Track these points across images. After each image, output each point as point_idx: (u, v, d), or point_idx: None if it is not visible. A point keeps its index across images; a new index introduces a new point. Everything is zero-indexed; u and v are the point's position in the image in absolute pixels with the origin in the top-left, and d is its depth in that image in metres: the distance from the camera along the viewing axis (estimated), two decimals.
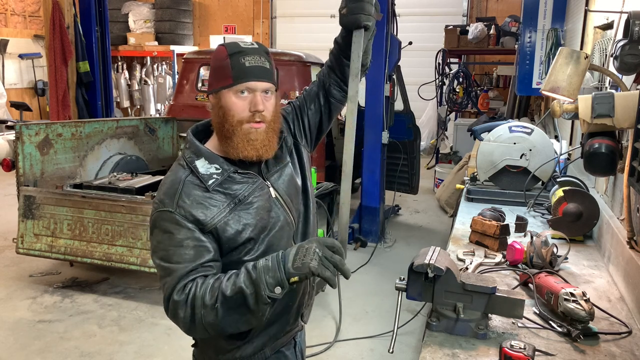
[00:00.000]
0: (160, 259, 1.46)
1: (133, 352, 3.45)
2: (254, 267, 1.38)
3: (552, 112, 2.48)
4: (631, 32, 1.88)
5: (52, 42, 6.05)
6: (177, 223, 1.45)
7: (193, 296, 1.38)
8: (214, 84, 1.52)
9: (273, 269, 1.35)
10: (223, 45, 1.53)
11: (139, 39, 11.43)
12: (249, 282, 1.36)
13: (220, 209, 1.48)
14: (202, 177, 1.49)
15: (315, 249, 1.34)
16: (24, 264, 4.70)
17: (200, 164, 1.51)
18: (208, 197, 1.48)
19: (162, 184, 1.55)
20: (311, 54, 6.11)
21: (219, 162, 1.52)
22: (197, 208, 1.46)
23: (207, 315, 1.38)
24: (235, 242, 1.49)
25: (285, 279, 1.34)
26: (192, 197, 1.47)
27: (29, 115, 9.86)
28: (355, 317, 3.95)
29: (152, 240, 1.51)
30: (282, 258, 1.37)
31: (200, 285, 1.39)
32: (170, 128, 5.81)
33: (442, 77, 8.03)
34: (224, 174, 1.51)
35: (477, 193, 3.33)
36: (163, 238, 1.46)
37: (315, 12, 11.82)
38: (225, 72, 1.49)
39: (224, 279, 1.40)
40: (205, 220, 1.46)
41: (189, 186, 1.48)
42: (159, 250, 1.47)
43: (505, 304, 1.61)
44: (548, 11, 4.78)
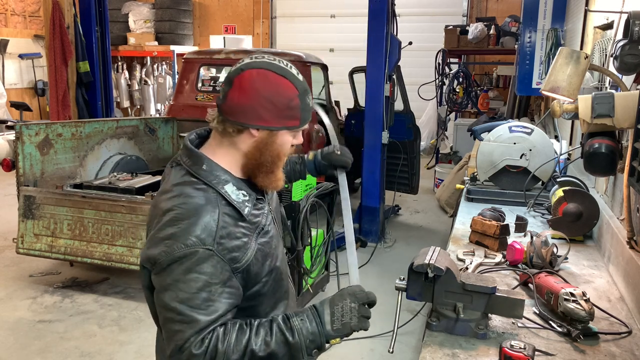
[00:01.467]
0: (179, 302, 1.25)
1: (133, 352, 3.45)
2: (288, 328, 1.29)
3: (552, 112, 2.48)
4: (631, 32, 1.88)
5: (52, 42, 6.05)
6: (211, 263, 1.26)
7: (214, 350, 1.24)
8: (272, 121, 1.34)
9: (313, 333, 1.29)
10: (287, 78, 1.35)
11: (139, 39, 11.43)
12: (285, 344, 1.27)
13: (251, 242, 1.35)
14: (238, 206, 1.34)
15: (351, 307, 1.31)
16: (24, 264, 4.70)
17: (230, 189, 1.35)
18: (240, 229, 1.34)
19: (179, 212, 1.29)
20: (311, 54, 6.11)
21: (244, 187, 1.38)
22: (234, 244, 1.31)
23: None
24: (260, 276, 1.39)
25: (325, 343, 1.31)
26: (229, 230, 1.31)
27: (29, 115, 9.86)
28: None
29: (163, 276, 1.27)
30: (319, 318, 1.30)
31: (222, 339, 1.25)
32: (170, 128, 5.81)
33: (442, 77, 8.03)
34: (251, 201, 1.39)
35: (477, 193, 3.33)
36: (188, 278, 1.25)
37: (315, 12, 11.82)
38: (294, 113, 1.36)
39: (251, 333, 1.27)
40: (240, 258, 1.32)
41: (224, 215, 1.31)
42: (177, 290, 1.25)
43: (505, 304, 1.61)
44: (548, 11, 4.78)
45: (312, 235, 3.89)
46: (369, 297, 1.34)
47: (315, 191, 3.95)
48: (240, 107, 1.33)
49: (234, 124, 1.35)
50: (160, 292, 1.29)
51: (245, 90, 1.32)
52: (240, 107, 1.33)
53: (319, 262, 4.11)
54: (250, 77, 1.32)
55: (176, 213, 1.29)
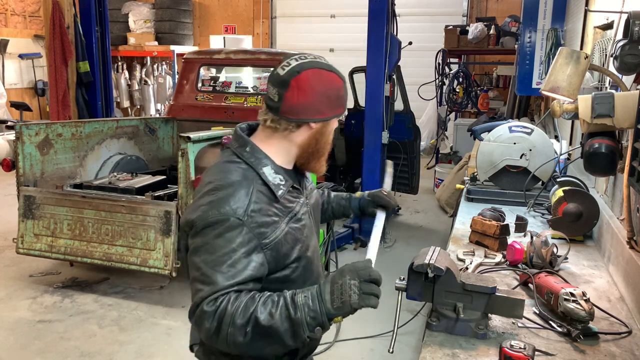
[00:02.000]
0: (204, 262, 1.37)
1: (133, 352, 3.45)
2: (293, 304, 1.34)
3: (552, 112, 2.48)
4: (631, 32, 1.88)
5: (52, 42, 6.05)
6: (240, 232, 1.37)
7: (223, 310, 1.32)
8: (327, 112, 1.50)
9: (314, 310, 1.33)
10: (334, 72, 1.51)
11: (139, 39, 11.43)
12: (287, 319, 1.32)
13: (281, 223, 1.46)
14: (272, 186, 1.46)
15: (350, 283, 1.34)
16: (24, 264, 4.70)
17: (268, 171, 1.48)
18: (273, 208, 1.45)
19: (219, 184, 1.44)
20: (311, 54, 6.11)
21: (282, 173, 1.51)
22: (264, 219, 1.41)
23: (235, 334, 1.32)
24: (287, 259, 1.47)
25: (326, 321, 1.35)
26: (261, 206, 1.42)
27: (29, 115, 9.86)
28: (355, 317, 3.94)
29: (197, 238, 1.40)
30: (320, 296, 1.35)
31: (233, 301, 1.33)
32: (170, 128, 5.81)
33: (442, 77, 8.03)
34: (287, 186, 1.50)
35: (477, 193, 3.33)
36: (218, 242, 1.37)
37: (315, 12, 11.82)
38: (341, 101, 1.53)
39: (259, 303, 1.34)
40: (268, 234, 1.42)
41: (258, 194, 1.43)
42: (205, 252, 1.37)
43: (505, 304, 1.61)
44: (548, 11, 4.78)
45: None
46: (372, 274, 1.36)
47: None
48: (301, 106, 1.46)
49: (294, 121, 1.48)
50: (192, 253, 1.41)
51: (304, 90, 1.45)
52: (301, 105, 1.46)
53: None
54: (307, 78, 1.45)
55: (215, 184, 1.44)
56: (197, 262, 1.39)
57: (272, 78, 1.49)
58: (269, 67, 5.81)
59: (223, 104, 5.76)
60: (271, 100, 1.48)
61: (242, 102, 5.69)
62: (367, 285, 1.35)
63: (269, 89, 1.49)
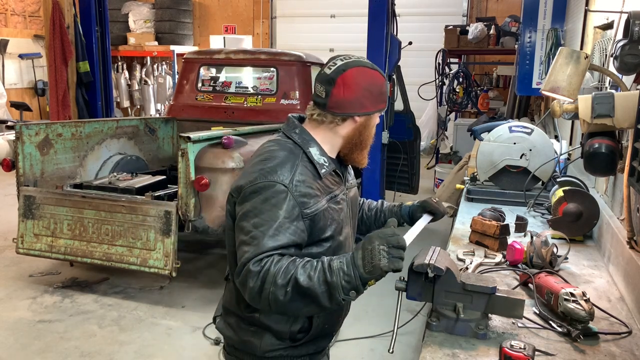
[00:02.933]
0: (253, 226, 1.48)
1: (133, 352, 3.45)
2: (329, 268, 1.43)
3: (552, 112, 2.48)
4: (631, 32, 1.88)
5: (52, 42, 6.05)
6: (285, 199, 1.49)
7: (267, 271, 1.42)
8: (371, 107, 1.63)
9: (349, 275, 1.42)
10: (376, 70, 1.63)
11: (139, 39, 11.43)
12: (324, 283, 1.41)
13: (321, 198, 1.58)
14: (316, 164, 1.60)
15: (379, 249, 1.41)
16: (24, 264, 4.70)
17: (314, 151, 1.62)
18: (315, 184, 1.58)
19: (268, 155, 1.58)
20: (311, 54, 6.11)
21: (326, 156, 1.65)
22: (307, 190, 1.54)
23: (276, 293, 1.41)
24: (322, 233, 1.58)
25: (360, 285, 1.43)
26: (305, 178, 1.55)
27: (29, 115, 9.86)
28: (355, 317, 3.95)
29: (246, 203, 1.52)
30: (353, 262, 1.43)
31: (276, 263, 1.43)
32: (170, 128, 5.81)
33: (442, 77, 8.02)
34: (330, 167, 1.64)
35: (477, 193, 3.33)
36: (264, 207, 1.48)
37: (315, 12, 11.82)
38: (382, 97, 1.66)
39: (299, 265, 1.43)
40: (309, 205, 1.53)
41: (304, 167, 1.58)
42: (254, 216, 1.49)
43: (505, 304, 1.61)
44: (548, 11, 4.78)
45: None
46: (399, 241, 1.43)
47: None
48: (347, 101, 1.59)
49: (339, 115, 1.62)
50: (240, 217, 1.53)
51: (350, 87, 1.58)
52: (347, 101, 1.59)
53: None
54: (352, 75, 1.58)
55: (266, 156, 1.59)
56: (245, 226, 1.50)
57: (319, 77, 1.63)
58: (269, 67, 5.81)
59: (223, 104, 5.76)
60: (318, 97, 1.62)
61: (242, 102, 5.69)
62: (395, 250, 1.42)
63: (316, 87, 1.63)
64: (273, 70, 5.71)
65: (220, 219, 3.89)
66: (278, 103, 5.56)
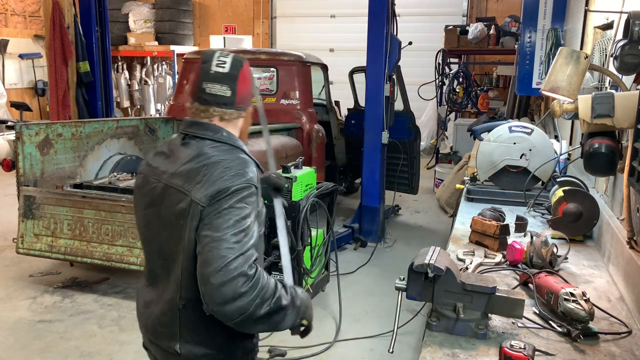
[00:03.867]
0: (232, 225, 1.47)
1: (133, 352, 3.45)
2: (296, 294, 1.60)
3: (552, 112, 2.48)
4: (631, 32, 1.88)
5: (52, 42, 6.05)
6: (255, 200, 1.56)
7: (258, 280, 1.45)
8: (250, 98, 1.70)
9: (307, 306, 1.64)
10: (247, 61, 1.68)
11: (139, 39, 11.43)
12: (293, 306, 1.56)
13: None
14: (255, 159, 1.67)
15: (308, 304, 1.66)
16: (24, 264, 4.70)
17: (245, 149, 1.68)
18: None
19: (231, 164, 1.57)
20: (311, 54, 6.11)
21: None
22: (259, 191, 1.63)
23: (261, 305, 1.44)
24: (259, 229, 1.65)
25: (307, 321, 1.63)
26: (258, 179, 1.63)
27: (29, 115, 9.86)
28: (355, 317, 3.95)
29: (224, 204, 1.49)
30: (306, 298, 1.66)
31: (264, 275, 1.49)
32: (170, 128, 5.82)
33: (442, 77, 8.03)
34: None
35: (477, 193, 3.33)
36: (240, 206, 1.50)
37: (315, 12, 11.82)
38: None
39: (278, 285, 1.53)
40: (259, 204, 1.62)
41: (257, 169, 1.66)
42: (232, 215, 1.48)
43: (505, 304, 1.61)
44: (548, 11, 4.78)
45: (312, 235, 3.89)
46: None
47: (316, 191, 3.95)
48: (247, 94, 1.66)
49: (243, 109, 1.67)
50: (214, 218, 1.48)
51: (247, 80, 1.65)
52: (247, 94, 1.66)
53: (319, 262, 4.11)
54: (247, 68, 1.64)
55: (228, 163, 1.57)
56: (220, 226, 1.47)
57: (213, 77, 1.59)
58: (269, 67, 5.81)
59: None
60: (222, 97, 1.60)
61: None
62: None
63: (215, 87, 1.59)
64: (273, 70, 5.71)
65: None
66: (278, 103, 5.56)
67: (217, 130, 1.63)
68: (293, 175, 3.73)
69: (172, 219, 1.57)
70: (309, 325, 1.64)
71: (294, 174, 3.77)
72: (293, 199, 3.68)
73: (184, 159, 1.61)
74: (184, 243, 1.54)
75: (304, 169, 3.97)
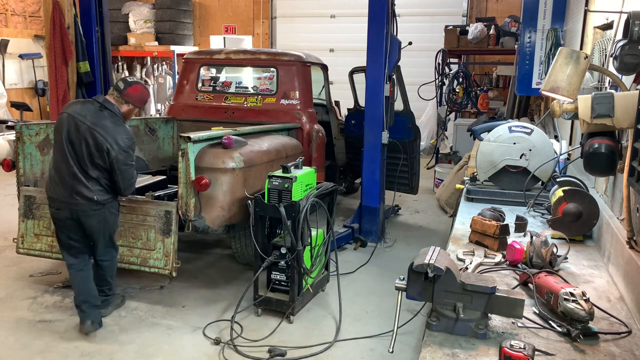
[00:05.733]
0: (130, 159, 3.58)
1: (133, 352, 3.45)
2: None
3: (552, 112, 2.49)
4: (631, 32, 1.89)
5: (52, 42, 6.05)
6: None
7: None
8: (137, 104, 3.66)
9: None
10: (146, 90, 3.75)
11: (139, 39, 11.43)
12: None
13: None
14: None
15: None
16: (24, 264, 4.70)
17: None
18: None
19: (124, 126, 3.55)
20: (311, 54, 6.11)
21: None
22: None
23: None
24: None
25: None
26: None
27: (29, 115, 9.87)
28: (355, 317, 3.95)
29: (128, 151, 3.52)
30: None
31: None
32: (171, 128, 5.82)
33: (442, 77, 8.02)
34: None
35: (477, 193, 3.33)
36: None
37: (315, 12, 11.82)
38: (143, 102, 3.77)
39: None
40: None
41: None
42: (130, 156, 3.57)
43: (505, 304, 1.61)
44: (548, 11, 4.79)
45: (312, 235, 3.89)
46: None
47: (316, 191, 3.95)
48: (133, 94, 3.62)
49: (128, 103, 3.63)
50: (126, 157, 3.50)
51: (136, 90, 3.66)
52: (133, 94, 3.62)
53: (319, 262, 4.11)
54: (136, 86, 3.69)
55: (124, 128, 3.53)
56: (128, 160, 3.51)
57: (117, 86, 3.59)
58: (269, 67, 5.81)
59: (223, 104, 5.77)
60: (118, 88, 3.57)
61: (242, 102, 5.70)
62: None
63: (118, 85, 3.59)
64: (273, 70, 5.71)
65: (220, 219, 3.90)
66: (278, 103, 5.56)
67: (114, 110, 3.52)
68: (293, 175, 3.73)
69: (93, 149, 3.40)
70: None
71: (294, 174, 3.77)
72: (293, 199, 3.68)
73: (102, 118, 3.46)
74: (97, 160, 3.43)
75: (304, 169, 3.98)
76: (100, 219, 3.52)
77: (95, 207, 3.46)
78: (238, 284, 4.37)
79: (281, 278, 3.82)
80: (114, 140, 3.39)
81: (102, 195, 3.46)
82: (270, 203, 3.73)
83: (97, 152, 3.39)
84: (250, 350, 3.39)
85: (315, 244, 4.00)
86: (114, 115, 3.49)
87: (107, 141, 3.38)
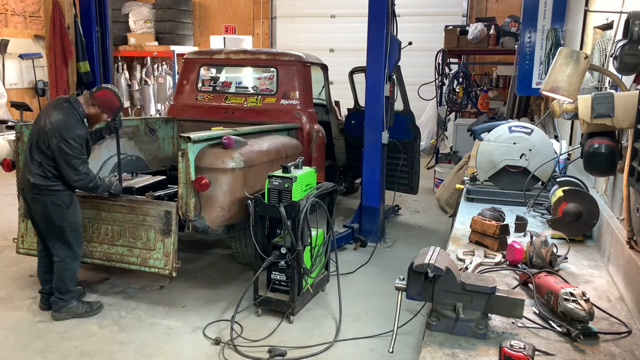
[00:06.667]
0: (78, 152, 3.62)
1: (133, 352, 3.45)
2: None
3: (552, 112, 2.49)
4: (631, 32, 1.89)
5: (52, 42, 6.05)
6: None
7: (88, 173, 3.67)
8: (107, 111, 3.78)
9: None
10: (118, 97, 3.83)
11: (139, 39, 11.43)
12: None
13: None
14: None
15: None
16: (24, 264, 4.70)
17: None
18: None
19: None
20: (311, 54, 6.11)
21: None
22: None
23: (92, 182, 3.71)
24: None
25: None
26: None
27: (30, 115, 9.86)
28: (355, 317, 3.95)
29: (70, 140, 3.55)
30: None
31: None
32: (171, 128, 5.82)
33: (442, 77, 8.02)
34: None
35: (477, 193, 3.33)
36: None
37: (315, 12, 11.82)
38: (112, 111, 3.83)
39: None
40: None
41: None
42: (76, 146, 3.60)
43: (505, 304, 1.61)
44: (548, 11, 4.79)
45: (312, 235, 3.89)
46: None
47: (316, 191, 3.95)
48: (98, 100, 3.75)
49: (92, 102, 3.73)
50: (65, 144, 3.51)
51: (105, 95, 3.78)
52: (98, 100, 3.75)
53: (319, 262, 4.11)
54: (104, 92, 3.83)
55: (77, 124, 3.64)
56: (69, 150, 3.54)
57: (91, 89, 3.78)
58: (269, 67, 5.81)
59: (223, 104, 5.76)
60: (90, 91, 3.76)
61: (242, 102, 5.70)
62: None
63: (92, 89, 3.77)
64: (273, 70, 5.71)
65: (220, 219, 3.90)
66: (278, 103, 5.56)
67: (78, 107, 3.66)
68: (293, 175, 3.73)
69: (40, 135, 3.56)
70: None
71: (294, 174, 3.77)
72: (293, 199, 3.68)
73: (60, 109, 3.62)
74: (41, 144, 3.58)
75: (304, 169, 3.98)
76: (42, 205, 3.61)
77: (35, 190, 3.58)
78: (238, 284, 4.37)
79: (281, 278, 3.82)
80: (57, 128, 3.50)
81: (40, 180, 3.54)
82: (270, 203, 3.73)
83: (42, 137, 3.53)
84: (250, 350, 3.39)
85: (315, 244, 4.00)
86: (72, 110, 3.60)
87: (52, 127, 3.50)
